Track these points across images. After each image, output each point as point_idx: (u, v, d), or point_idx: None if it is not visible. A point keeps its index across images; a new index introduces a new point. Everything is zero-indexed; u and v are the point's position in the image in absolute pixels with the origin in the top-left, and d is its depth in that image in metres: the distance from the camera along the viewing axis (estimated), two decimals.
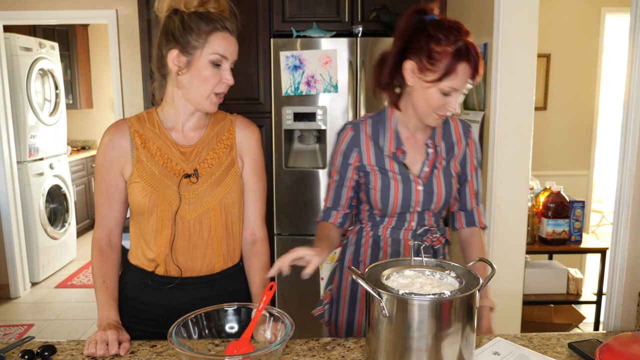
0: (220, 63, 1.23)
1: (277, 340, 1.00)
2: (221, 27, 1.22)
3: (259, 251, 1.38)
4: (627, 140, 1.56)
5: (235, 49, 1.25)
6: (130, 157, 1.29)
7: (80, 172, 5.58)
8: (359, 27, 2.74)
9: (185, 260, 1.30)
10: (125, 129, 1.30)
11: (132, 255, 1.36)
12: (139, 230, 1.31)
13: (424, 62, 1.25)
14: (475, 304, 0.98)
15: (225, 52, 1.23)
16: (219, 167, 1.32)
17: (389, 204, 1.38)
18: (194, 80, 1.23)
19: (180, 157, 1.30)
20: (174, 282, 1.31)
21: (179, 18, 1.22)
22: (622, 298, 1.61)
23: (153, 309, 1.32)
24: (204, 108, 1.27)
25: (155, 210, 1.27)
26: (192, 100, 1.26)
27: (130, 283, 1.34)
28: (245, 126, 1.38)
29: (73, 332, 3.40)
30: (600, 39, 3.82)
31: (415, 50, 1.26)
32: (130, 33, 3.62)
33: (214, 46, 1.21)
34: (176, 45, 1.22)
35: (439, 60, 1.23)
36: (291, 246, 2.84)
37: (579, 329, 2.96)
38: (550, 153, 3.87)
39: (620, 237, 1.59)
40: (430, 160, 1.39)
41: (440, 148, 1.40)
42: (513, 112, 2.14)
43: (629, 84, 1.55)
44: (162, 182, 1.27)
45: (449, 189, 1.40)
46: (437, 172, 1.39)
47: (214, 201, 1.29)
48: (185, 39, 1.21)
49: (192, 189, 1.28)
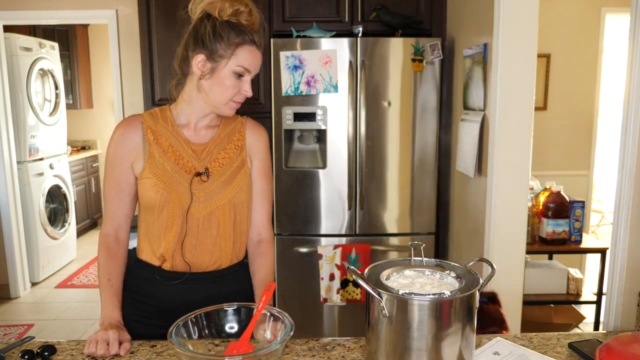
0: (243, 75, 1.26)
1: (277, 340, 1.00)
2: (250, 40, 1.24)
3: (264, 251, 1.40)
4: (627, 140, 1.56)
5: (259, 63, 1.29)
6: (142, 152, 1.30)
7: (80, 172, 5.58)
8: (359, 27, 2.74)
9: (193, 256, 1.32)
10: (138, 125, 1.31)
11: (139, 250, 1.37)
12: (148, 225, 1.33)
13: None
14: (475, 304, 0.99)
15: (250, 66, 1.26)
16: (229, 167, 1.34)
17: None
18: (215, 87, 1.25)
19: (192, 154, 1.31)
20: (181, 278, 1.32)
21: (211, 24, 1.23)
22: (622, 298, 1.60)
23: (159, 304, 1.33)
24: (222, 112, 1.30)
25: (167, 207, 1.28)
26: (211, 104, 1.29)
27: (137, 277, 1.35)
28: (255, 129, 1.41)
29: (73, 332, 3.40)
30: (600, 39, 3.82)
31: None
32: (130, 33, 3.62)
33: (240, 58, 1.24)
34: (203, 50, 1.23)
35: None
36: (291, 246, 2.86)
37: (579, 329, 2.96)
38: (550, 153, 3.87)
39: (620, 237, 1.59)
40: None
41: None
42: (513, 112, 2.14)
43: (629, 84, 1.55)
44: (174, 178, 1.29)
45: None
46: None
47: (224, 200, 1.31)
48: (214, 46, 1.22)
49: (202, 187, 1.30)
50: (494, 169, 2.17)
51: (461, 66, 2.61)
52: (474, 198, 2.43)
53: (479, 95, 2.34)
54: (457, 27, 2.71)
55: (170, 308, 1.31)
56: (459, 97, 2.64)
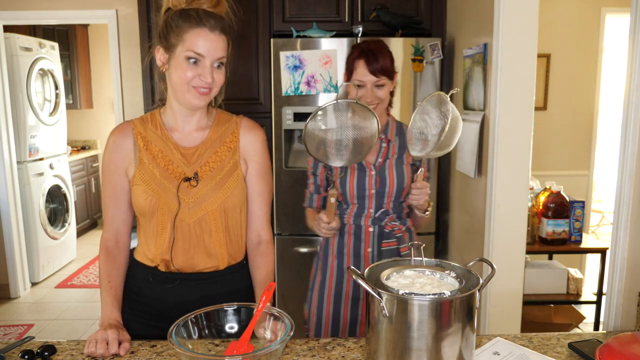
0: (198, 60, 1.21)
1: (277, 340, 1.00)
2: (199, 24, 1.20)
3: (264, 252, 1.39)
4: (627, 140, 1.56)
5: (216, 46, 1.21)
6: (133, 159, 1.30)
7: (80, 172, 5.58)
8: (359, 27, 2.74)
9: (186, 260, 1.31)
10: (129, 131, 1.31)
11: (137, 252, 1.37)
12: (143, 229, 1.34)
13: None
14: (475, 304, 0.99)
15: (202, 50, 1.20)
16: (220, 171, 1.31)
17: (347, 186, 1.62)
18: (172, 76, 1.24)
19: (181, 159, 1.30)
20: (175, 281, 1.31)
21: (165, 17, 1.24)
22: (622, 298, 1.60)
23: (157, 305, 1.33)
24: (189, 102, 1.25)
25: (156, 213, 1.28)
26: (176, 96, 1.26)
27: (135, 278, 1.35)
28: (250, 129, 1.37)
29: (73, 332, 3.40)
30: (600, 39, 3.81)
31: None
32: (130, 33, 3.62)
33: (188, 43, 1.20)
34: (159, 42, 1.25)
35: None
36: (291, 246, 2.86)
37: (579, 329, 2.96)
38: (550, 153, 3.87)
39: (620, 237, 1.59)
40: (384, 152, 1.64)
41: (393, 142, 1.65)
42: (513, 112, 2.14)
43: (629, 84, 1.55)
44: (162, 184, 1.28)
45: (400, 175, 1.63)
46: (390, 161, 1.64)
47: (214, 205, 1.29)
48: (167, 36, 1.23)
49: (192, 193, 1.28)
50: (494, 169, 2.17)
51: (461, 66, 2.61)
52: (474, 198, 2.43)
53: (479, 95, 2.34)
54: (457, 27, 2.71)
55: (166, 309, 1.31)
56: (459, 97, 2.64)
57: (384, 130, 1.65)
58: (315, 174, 1.70)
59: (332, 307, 1.67)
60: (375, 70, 1.53)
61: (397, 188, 1.62)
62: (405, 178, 1.63)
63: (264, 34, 2.87)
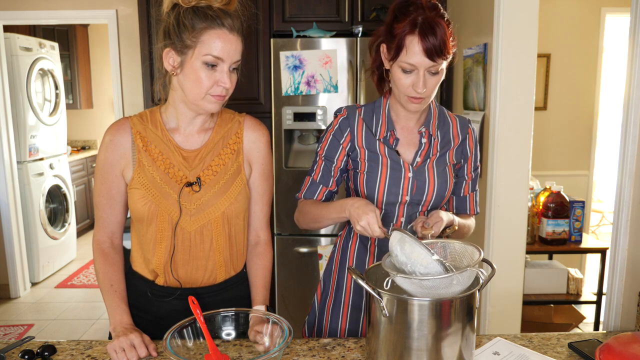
0: (216, 64, 1.12)
1: (275, 347, 0.99)
2: (218, 24, 1.11)
3: (261, 252, 1.35)
4: (627, 140, 1.56)
5: (235, 48, 1.14)
6: (131, 159, 1.22)
7: (80, 172, 5.58)
8: (359, 27, 2.74)
9: (186, 272, 1.25)
10: (127, 129, 1.23)
11: (133, 260, 1.32)
12: (139, 236, 1.26)
13: (387, 42, 1.22)
14: (475, 304, 0.98)
15: (221, 53, 1.11)
16: (223, 175, 1.24)
17: (376, 188, 1.30)
18: (187, 82, 1.14)
19: (182, 162, 1.22)
20: (174, 294, 1.26)
21: (175, 14, 1.13)
22: (622, 298, 1.61)
23: (153, 319, 1.28)
24: (203, 109, 1.18)
25: (155, 220, 1.21)
26: (189, 102, 1.18)
27: (132, 290, 1.29)
28: (254, 129, 1.30)
29: (73, 332, 3.40)
30: (600, 39, 3.81)
31: (386, 31, 1.24)
32: (130, 33, 3.62)
33: (207, 46, 1.10)
34: (170, 43, 1.14)
35: (395, 36, 1.19)
36: (291, 246, 2.85)
37: (579, 329, 2.96)
38: (550, 153, 3.87)
39: (620, 237, 1.59)
40: (424, 149, 1.32)
41: (435, 138, 1.33)
42: (513, 112, 2.14)
43: (629, 84, 1.55)
44: (162, 190, 1.20)
45: (442, 180, 1.31)
46: (430, 162, 1.32)
47: (217, 212, 1.23)
48: (179, 37, 1.12)
49: (194, 199, 1.22)
50: (494, 169, 2.17)
51: (461, 66, 2.61)
52: None
53: (479, 95, 2.34)
54: (457, 27, 2.71)
55: (164, 323, 1.22)
56: (459, 97, 2.64)
57: (425, 122, 1.33)
58: (328, 158, 1.35)
59: (349, 319, 1.41)
60: (432, 50, 1.16)
61: (437, 195, 1.31)
62: (448, 183, 1.32)
63: (264, 34, 2.87)
